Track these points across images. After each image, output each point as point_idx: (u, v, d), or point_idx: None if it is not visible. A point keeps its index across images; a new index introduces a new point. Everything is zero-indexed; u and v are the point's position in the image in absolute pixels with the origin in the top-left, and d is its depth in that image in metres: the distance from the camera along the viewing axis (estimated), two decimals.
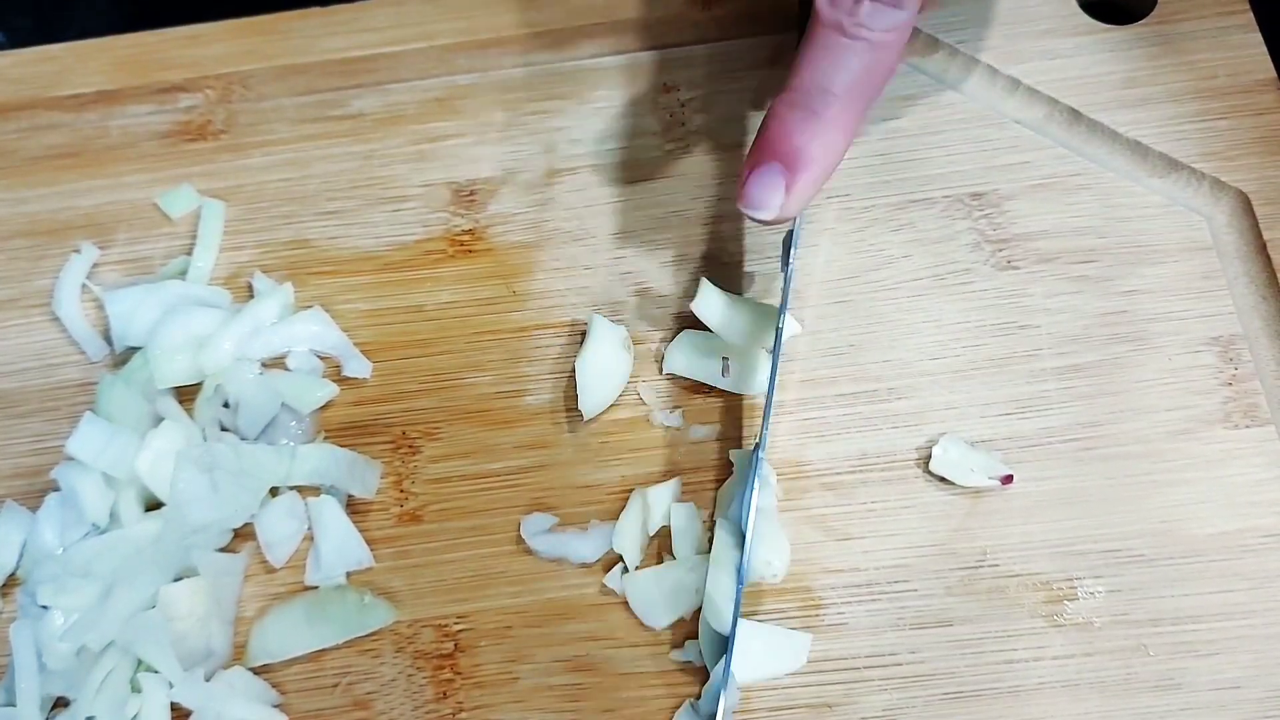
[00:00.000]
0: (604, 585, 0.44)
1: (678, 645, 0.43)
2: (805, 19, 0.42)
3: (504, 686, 0.43)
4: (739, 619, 0.41)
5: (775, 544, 0.44)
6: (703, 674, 0.43)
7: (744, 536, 0.42)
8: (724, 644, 0.42)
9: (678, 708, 0.42)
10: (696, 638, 0.43)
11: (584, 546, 0.45)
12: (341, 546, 0.46)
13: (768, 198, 0.41)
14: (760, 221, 0.42)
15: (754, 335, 0.47)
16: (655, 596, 0.44)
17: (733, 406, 0.48)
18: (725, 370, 0.47)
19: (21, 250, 0.55)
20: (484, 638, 0.44)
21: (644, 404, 0.48)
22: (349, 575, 0.46)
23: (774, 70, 0.55)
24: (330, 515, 0.46)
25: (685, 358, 0.48)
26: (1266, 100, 0.51)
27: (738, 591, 0.42)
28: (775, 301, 0.48)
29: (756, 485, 0.43)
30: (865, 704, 0.42)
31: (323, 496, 0.47)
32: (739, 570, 0.42)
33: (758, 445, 0.44)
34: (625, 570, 0.44)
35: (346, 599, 0.45)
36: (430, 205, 0.54)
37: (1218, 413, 0.46)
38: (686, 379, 0.48)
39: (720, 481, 0.46)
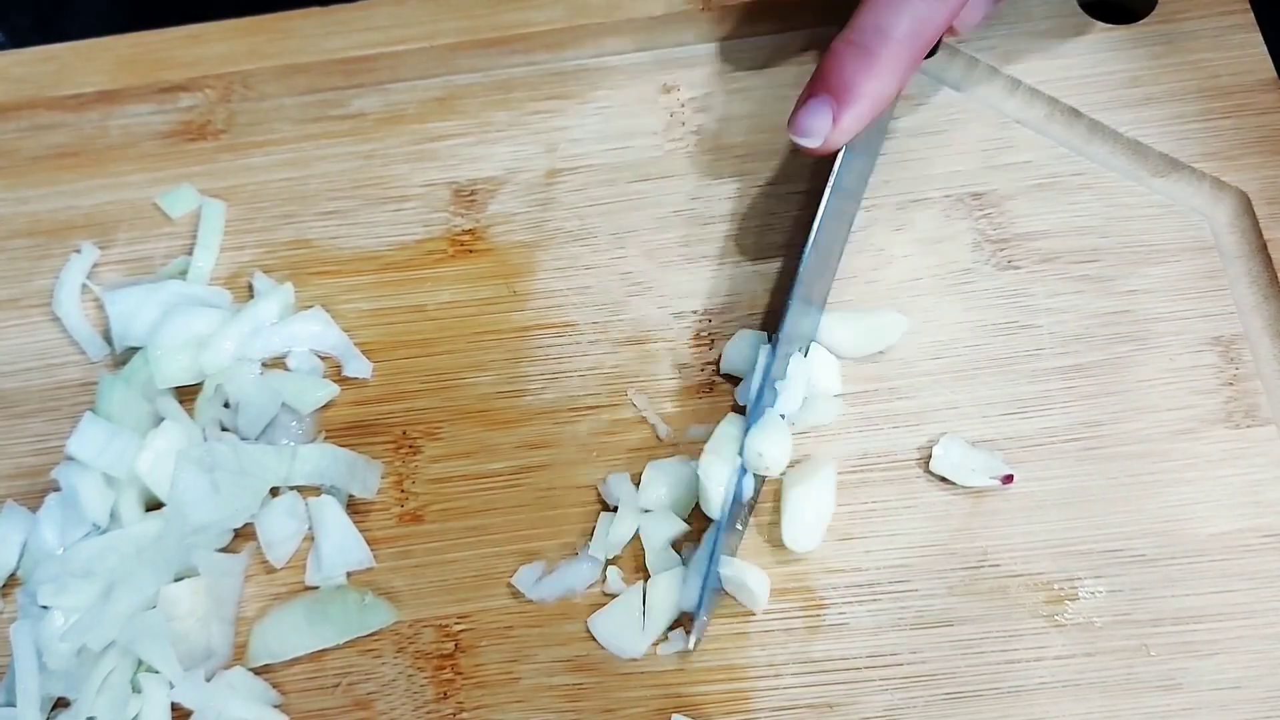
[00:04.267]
0: (604, 589, 0.44)
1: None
2: None
3: (505, 686, 0.43)
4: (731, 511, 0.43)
5: (775, 438, 0.44)
6: (704, 676, 0.43)
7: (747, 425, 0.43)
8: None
9: (679, 708, 0.42)
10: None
11: (580, 575, 0.45)
12: (342, 546, 0.46)
13: (815, 125, 0.44)
14: (807, 150, 0.45)
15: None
16: (624, 626, 0.43)
17: (729, 409, 0.47)
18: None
19: (22, 250, 0.55)
20: (485, 638, 0.44)
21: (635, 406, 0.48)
22: (350, 575, 0.46)
23: (774, 70, 0.55)
24: (331, 516, 0.46)
25: (742, 357, 0.48)
26: (1267, 100, 0.51)
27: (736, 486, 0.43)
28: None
29: (766, 371, 0.44)
30: (867, 704, 0.42)
31: (323, 496, 0.47)
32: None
33: (777, 334, 0.45)
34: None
35: (347, 599, 0.45)
36: (431, 205, 0.54)
37: (1219, 412, 0.45)
38: (684, 381, 0.48)
39: None
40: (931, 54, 0.48)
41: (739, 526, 0.44)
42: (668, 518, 0.45)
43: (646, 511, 0.45)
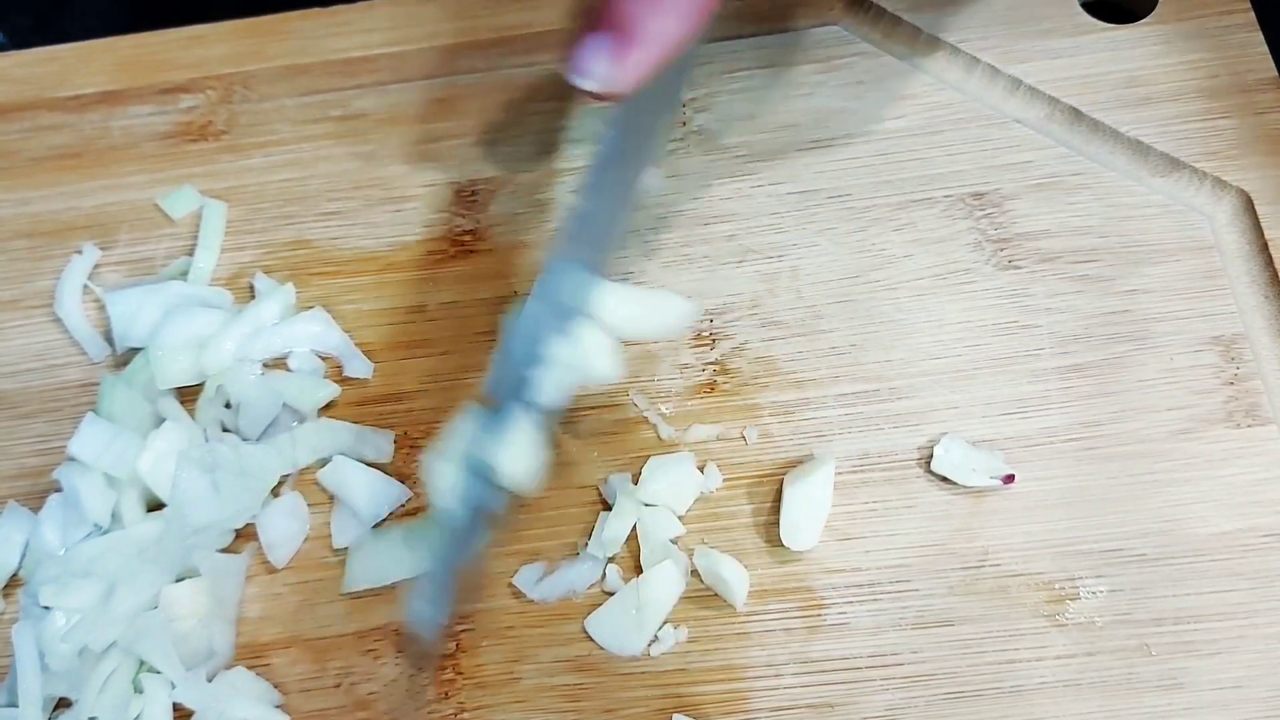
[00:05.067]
0: (603, 588, 0.45)
1: None
2: None
3: (506, 686, 0.43)
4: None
5: (520, 449, 0.40)
6: (704, 676, 0.43)
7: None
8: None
9: (679, 708, 0.42)
10: None
11: (580, 575, 0.45)
12: (374, 490, 0.46)
13: (595, 66, 0.39)
14: (587, 95, 0.39)
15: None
16: (620, 625, 0.43)
17: (734, 407, 0.48)
18: None
19: (23, 251, 0.55)
20: (485, 638, 0.44)
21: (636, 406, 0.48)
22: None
23: (774, 70, 0.55)
24: (349, 470, 0.47)
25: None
26: (1268, 99, 0.51)
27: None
28: None
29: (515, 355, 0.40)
30: (867, 704, 0.42)
31: (336, 458, 0.47)
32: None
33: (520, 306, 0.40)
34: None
35: None
36: (432, 205, 0.54)
37: (1219, 412, 0.45)
38: (685, 381, 0.48)
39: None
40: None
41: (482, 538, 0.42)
42: (665, 515, 0.45)
43: (648, 506, 0.45)
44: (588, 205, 0.42)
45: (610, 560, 0.45)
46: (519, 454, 0.40)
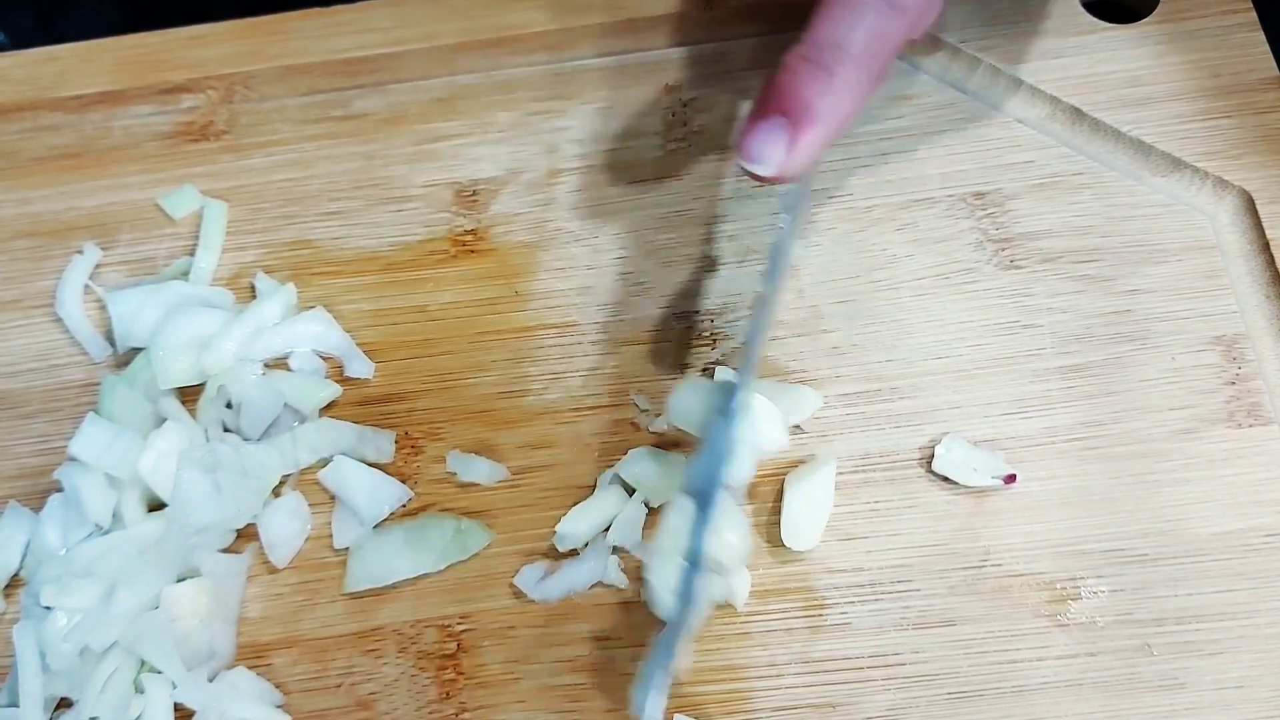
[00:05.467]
0: (602, 583, 0.45)
1: None
2: None
3: (507, 687, 0.43)
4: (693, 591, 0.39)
5: (733, 533, 0.41)
6: (705, 676, 0.43)
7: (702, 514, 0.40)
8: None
9: (680, 708, 0.42)
10: None
11: (583, 573, 0.45)
12: (375, 490, 0.46)
13: (769, 152, 0.40)
14: (758, 179, 0.41)
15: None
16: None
17: None
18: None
19: (24, 251, 0.55)
20: (487, 638, 0.44)
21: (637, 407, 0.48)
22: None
23: (776, 70, 0.55)
24: (351, 470, 0.47)
25: (689, 409, 0.45)
26: (1270, 99, 0.51)
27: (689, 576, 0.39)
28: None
29: (720, 452, 0.40)
30: (869, 704, 0.42)
31: (337, 458, 0.47)
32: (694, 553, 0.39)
33: (731, 403, 0.41)
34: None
35: (444, 524, 0.45)
36: (433, 205, 0.54)
37: (1221, 412, 0.45)
38: (686, 381, 0.48)
39: None
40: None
41: (693, 624, 0.41)
42: (635, 505, 0.45)
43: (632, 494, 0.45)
44: (769, 292, 0.43)
45: (615, 552, 0.45)
46: (733, 539, 0.41)
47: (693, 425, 0.45)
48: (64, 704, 0.44)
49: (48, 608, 0.44)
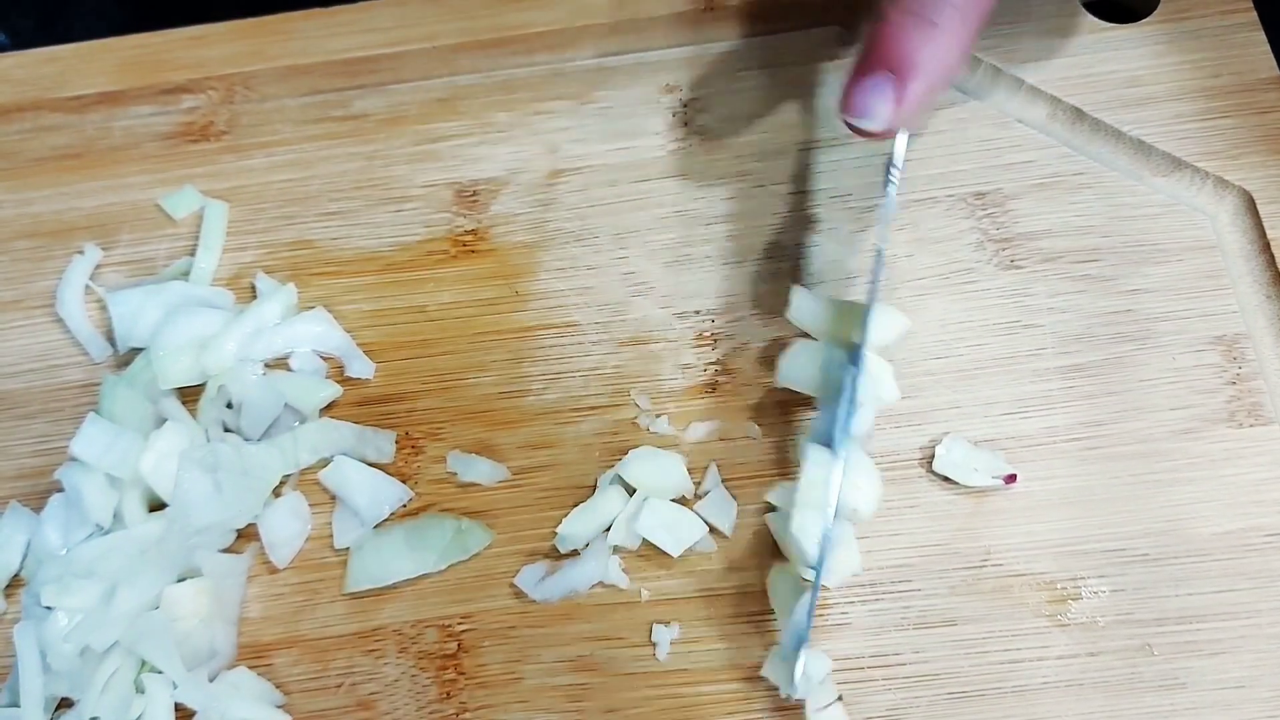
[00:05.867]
0: (603, 583, 0.45)
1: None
2: None
3: (508, 687, 0.43)
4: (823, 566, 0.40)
5: (867, 480, 0.43)
6: (706, 676, 0.43)
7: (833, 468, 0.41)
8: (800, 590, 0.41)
9: (681, 708, 0.42)
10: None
11: (584, 573, 0.45)
12: (376, 491, 0.46)
13: (876, 106, 0.39)
14: (864, 133, 0.40)
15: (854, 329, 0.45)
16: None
17: (735, 407, 0.47)
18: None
19: (25, 251, 0.55)
20: (487, 638, 0.44)
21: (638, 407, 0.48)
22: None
23: (776, 70, 0.55)
24: (351, 470, 0.47)
25: (800, 369, 0.46)
26: (1270, 99, 0.51)
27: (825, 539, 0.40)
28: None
29: (851, 399, 0.41)
30: (869, 704, 0.42)
31: (338, 458, 0.47)
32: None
33: (856, 357, 0.42)
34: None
35: (444, 524, 0.45)
36: (433, 206, 0.54)
37: (1222, 412, 0.45)
38: (687, 381, 0.48)
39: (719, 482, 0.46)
40: None
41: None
42: (636, 505, 0.45)
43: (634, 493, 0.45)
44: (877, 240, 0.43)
45: (615, 551, 0.45)
46: (870, 489, 0.43)
47: (806, 385, 0.45)
48: (65, 704, 0.44)
49: (48, 608, 0.44)
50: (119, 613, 0.43)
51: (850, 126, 0.41)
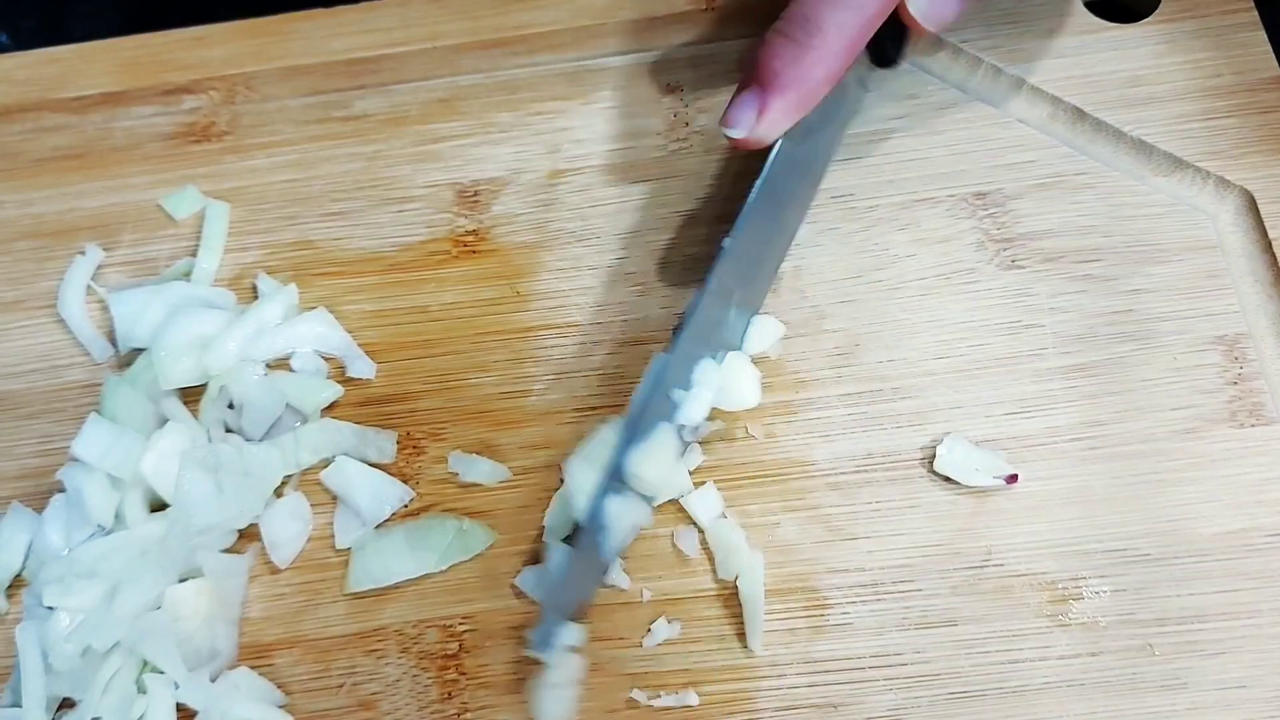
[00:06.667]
0: (603, 583, 0.45)
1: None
2: None
3: (509, 687, 0.43)
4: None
5: (656, 459, 0.42)
6: (707, 676, 0.43)
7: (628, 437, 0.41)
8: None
9: (681, 709, 0.42)
10: None
11: None
12: (377, 491, 0.46)
13: (741, 117, 0.43)
14: (733, 141, 0.44)
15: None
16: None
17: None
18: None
19: (26, 252, 0.55)
20: (489, 638, 0.44)
21: None
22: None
23: None
24: (352, 470, 0.47)
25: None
26: (1271, 99, 0.51)
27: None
28: None
29: (659, 377, 0.42)
30: (870, 704, 0.42)
31: (339, 458, 0.47)
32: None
33: (677, 334, 0.43)
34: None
35: (446, 525, 0.46)
36: (434, 206, 0.54)
37: (1223, 412, 0.45)
38: None
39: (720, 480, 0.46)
40: (893, 59, 0.47)
41: (611, 554, 0.43)
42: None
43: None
44: (742, 246, 0.45)
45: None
46: (655, 467, 0.42)
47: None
48: (66, 704, 0.44)
49: (50, 608, 0.44)
50: (121, 613, 0.43)
51: (726, 137, 0.44)
